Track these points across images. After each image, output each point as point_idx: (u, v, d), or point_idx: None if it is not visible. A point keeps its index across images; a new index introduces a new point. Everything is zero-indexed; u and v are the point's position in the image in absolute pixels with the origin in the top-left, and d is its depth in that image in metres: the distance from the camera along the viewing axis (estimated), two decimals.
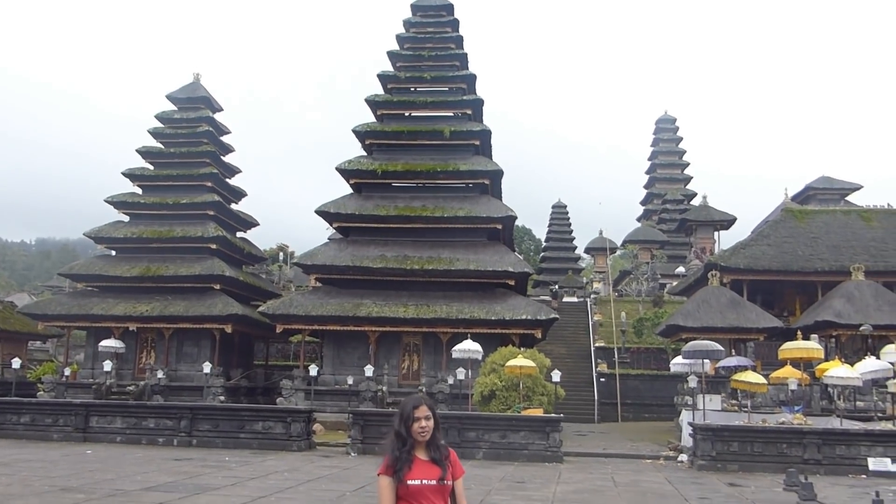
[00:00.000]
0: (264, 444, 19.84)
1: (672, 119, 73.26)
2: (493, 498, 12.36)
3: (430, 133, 31.77)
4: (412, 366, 29.37)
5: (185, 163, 33.88)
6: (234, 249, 33.81)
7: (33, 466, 15.19)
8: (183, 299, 30.66)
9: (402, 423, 4.22)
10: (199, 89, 35.63)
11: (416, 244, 29.90)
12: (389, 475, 4.15)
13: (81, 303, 31.44)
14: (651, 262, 55.40)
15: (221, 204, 33.57)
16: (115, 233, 32.56)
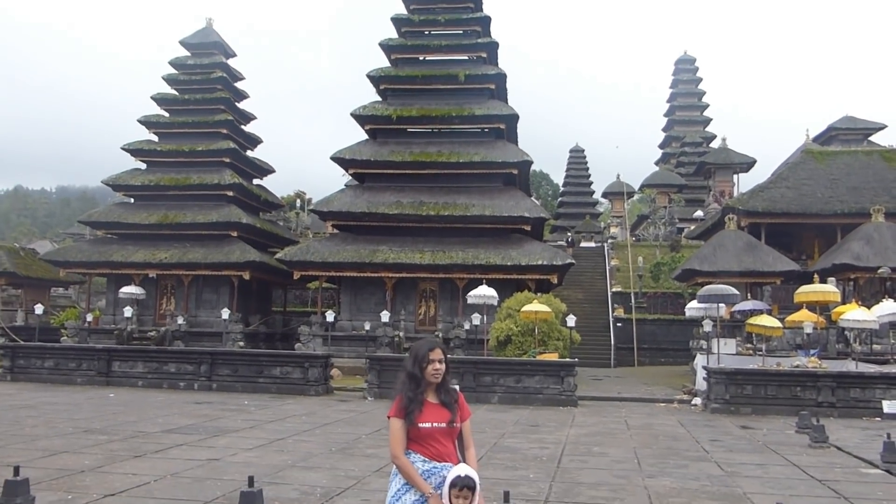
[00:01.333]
0: (283, 389, 20.20)
1: (691, 59, 71.74)
2: (507, 441, 12.56)
3: (445, 77, 31.34)
4: (428, 311, 29.59)
5: (200, 109, 33.76)
6: (251, 196, 33.90)
7: (58, 409, 15.58)
8: (201, 246, 30.91)
9: (416, 364, 4.23)
10: (212, 34, 35.28)
11: (431, 190, 29.80)
12: (401, 417, 4.17)
13: (101, 250, 31.80)
14: (669, 206, 54.94)
15: (237, 151, 33.53)
16: (133, 180, 32.72)
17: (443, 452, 4.19)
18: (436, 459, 4.17)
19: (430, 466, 4.14)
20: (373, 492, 8.22)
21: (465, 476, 4.04)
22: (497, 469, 9.85)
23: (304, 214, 54.56)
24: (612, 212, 65.25)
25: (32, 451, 10.36)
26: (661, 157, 72.09)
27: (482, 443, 11.90)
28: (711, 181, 52.52)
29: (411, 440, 4.18)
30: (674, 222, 52.83)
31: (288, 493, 8.02)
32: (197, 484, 8.45)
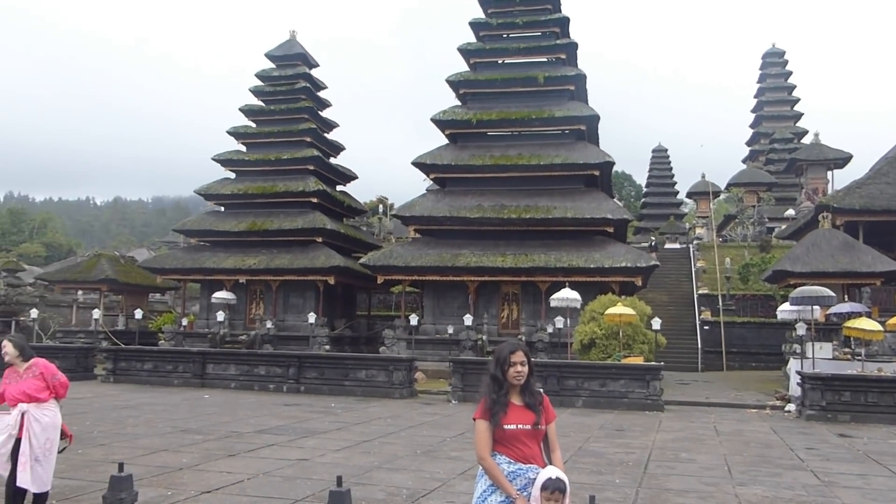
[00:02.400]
0: (368, 392, 20.54)
1: (780, 52, 69.22)
2: (592, 445, 12.43)
3: (524, 80, 31.27)
4: (511, 315, 29.54)
5: (285, 119, 34.76)
6: (335, 203, 34.63)
7: (157, 409, 16.30)
8: (287, 252, 31.77)
9: (499, 367, 4.26)
10: (296, 46, 36.27)
11: (512, 193, 29.76)
12: (486, 419, 4.21)
13: (195, 257, 33.09)
14: (757, 205, 53.14)
15: (321, 158, 34.33)
16: (223, 189, 33.94)
17: (528, 454, 4.21)
18: (521, 461, 4.18)
19: (516, 468, 4.16)
20: (458, 494, 8.28)
21: (557, 479, 4.04)
22: (582, 473, 9.77)
23: (387, 219, 55.32)
24: (697, 212, 63.58)
25: (134, 449, 10.88)
26: (748, 154, 69.81)
27: (567, 447, 11.81)
28: (803, 178, 50.48)
29: (497, 442, 4.21)
30: (763, 222, 51.07)
31: (375, 494, 8.17)
32: (287, 483, 8.70)
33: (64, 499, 7.60)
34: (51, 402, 7.03)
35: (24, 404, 6.85)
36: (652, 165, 71.47)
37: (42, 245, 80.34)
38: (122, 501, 6.88)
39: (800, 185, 52.22)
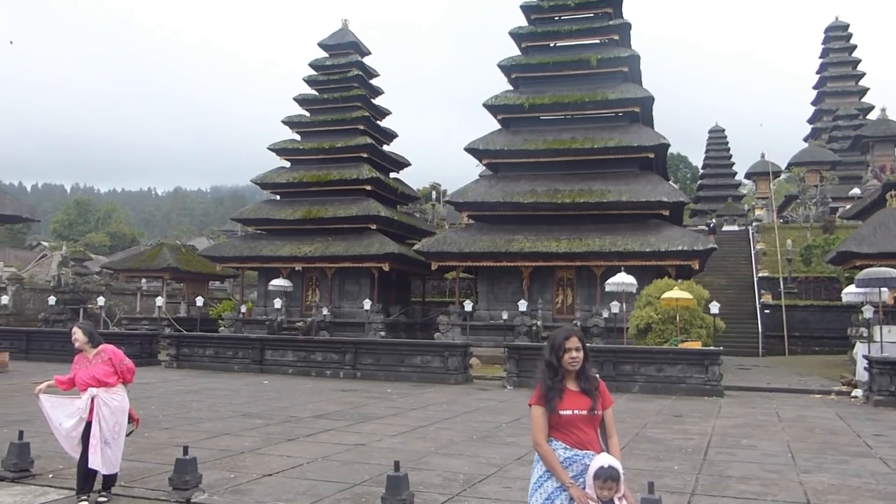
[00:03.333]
0: (423, 377, 20.68)
1: (844, 26, 66.81)
2: (650, 431, 12.30)
3: (577, 62, 30.89)
4: (566, 300, 29.36)
5: (339, 108, 35.05)
6: (388, 190, 34.84)
7: (219, 394, 16.71)
8: (342, 240, 32.12)
9: (553, 353, 4.24)
10: (348, 35, 36.48)
11: (566, 177, 29.50)
12: (542, 405, 4.20)
13: (252, 245, 33.73)
14: (820, 184, 51.54)
15: (374, 146, 34.54)
16: (278, 178, 34.46)
17: (584, 440, 4.18)
18: (577, 447, 4.16)
19: (572, 454, 4.14)
20: (514, 479, 8.29)
21: (609, 467, 4.01)
22: (640, 460, 9.68)
23: (440, 206, 55.44)
24: (756, 193, 62.07)
25: (198, 432, 11.18)
26: (810, 132, 67.74)
27: (624, 433, 11.71)
28: (869, 156, 48.75)
29: (553, 427, 4.20)
30: (826, 202, 49.53)
31: (431, 479, 8.23)
32: (346, 467, 8.83)
33: (132, 480, 7.86)
34: (119, 387, 7.27)
35: (94, 389, 7.10)
36: (709, 146, 69.98)
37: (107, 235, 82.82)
38: (188, 483, 7.10)
39: (865, 163, 50.48)
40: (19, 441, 7.94)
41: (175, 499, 7.01)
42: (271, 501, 7.09)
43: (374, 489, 7.53)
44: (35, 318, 35.17)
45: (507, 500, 7.35)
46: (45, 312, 34.55)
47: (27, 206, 24.54)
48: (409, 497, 6.49)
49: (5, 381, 19.01)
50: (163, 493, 7.18)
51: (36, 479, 7.76)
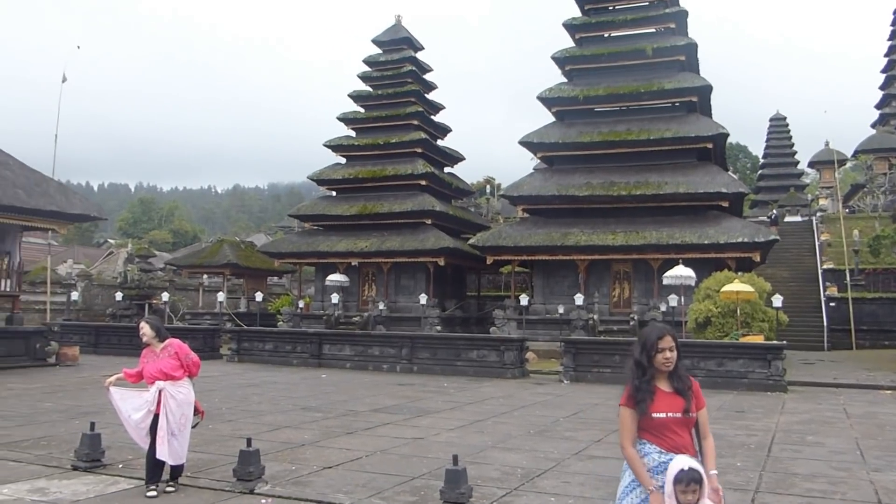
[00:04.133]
0: (480, 372, 20.70)
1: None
2: (711, 427, 12.07)
3: (632, 52, 30.43)
4: (622, 293, 29.02)
5: (393, 103, 35.28)
6: (443, 184, 34.94)
7: (278, 388, 17.03)
8: (398, 235, 32.35)
9: (644, 352, 4.03)
10: (401, 30, 36.65)
11: (622, 169, 29.13)
12: (631, 407, 3.99)
13: (309, 241, 34.22)
14: (889, 172, 49.72)
15: (428, 141, 34.67)
16: (334, 174, 34.88)
17: (679, 444, 3.99)
18: (673, 451, 3.96)
19: (667, 458, 3.94)
20: (573, 474, 8.26)
21: (690, 469, 3.83)
22: None
23: (494, 200, 55.36)
24: (820, 182, 60.25)
25: (259, 425, 11.42)
26: (878, 118, 65.30)
27: None
28: None
29: (645, 430, 4.00)
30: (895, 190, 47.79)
31: (489, 473, 8.25)
32: (404, 461, 8.91)
33: (198, 471, 8.07)
34: (185, 380, 7.48)
35: (161, 382, 7.32)
36: (769, 135, 68.22)
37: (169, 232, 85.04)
38: (251, 475, 7.27)
39: None
40: (91, 432, 8.23)
41: (239, 489, 7.18)
42: (332, 493, 7.20)
43: (432, 482, 7.58)
44: (103, 314, 36.37)
45: (566, 494, 7.32)
46: (112, 308, 35.70)
47: (95, 205, 25.33)
48: (467, 491, 6.52)
49: (76, 374, 19.72)
50: (227, 484, 7.36)
51: (107, 469, 8.04)
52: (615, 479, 7.89)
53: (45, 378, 18.46)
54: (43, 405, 13.51)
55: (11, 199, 20.28)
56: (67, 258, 48.55)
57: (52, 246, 39.48)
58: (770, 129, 68.42)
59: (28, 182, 21.48)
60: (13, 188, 20.64)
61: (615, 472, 8.16)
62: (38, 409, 13.04)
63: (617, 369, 19.20)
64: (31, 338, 22.00)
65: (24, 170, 21.89)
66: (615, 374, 19.11)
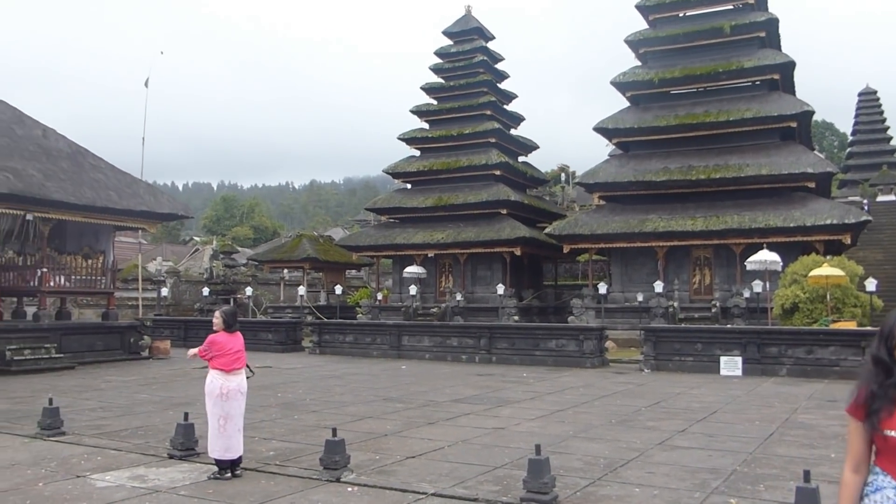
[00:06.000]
0: (559, 361, 20.60)
1: None
2: (801, 417, 11.71)
3: (708, 31, 29.59)
4: (703, 280, 28.35)
5: (465, 94, 35.32)
6: (517, 174, 34.82)
7: (360, 379, 17.34)
8: (473, 225, 32.42)
9: (882, 343, 2.93)
10: (472, 21, 36.62)
11: (700, 153, 28.43)
12: (860, 418, 2.85)
13: (386, 233, 34.66)
14: None
15: (501, 131, 34.60)
16: (409, 167, 35.20)
17: None
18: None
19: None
20: (657, 465, 8.15)
21: None
22: (791, 447, 9.24)
23: (569, 188, 54.81)
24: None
25: (343, 415, 11.67)
26: None
27: (772, 418, 11.23)
28: None
29: (881, 454, 2.83)
30: None
31: (572, 463, 8.22)
32: (486, 450, 8.96)
33: (286, 460, 8.32)
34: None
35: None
36: (858, 110, 65.15)
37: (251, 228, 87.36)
38: (337, 464, 7.45)
39: None
40: (185, 422, 8.58)
41: (326, 477, 7.36)
42: (416, 482, 7.31)
43: (514, 472, 7.61)
44: (191, 308, 37.77)
45: (651, 485, 7.23)
46: (199, 302, 37.01)
47: (181, 204, 26.30)
48: (550, 481, 6.52)
49: (167, 366, 20.56)
50: (315, 472, 7.56)
51: (200, 458, 8.36)
52: (701, 469, 7.77)
53: (140, 370, 19.32)
54: (139, 396, 14.15)
55: (105, 201, 21.25)
56: (156, 256, 50.59)
57: (143, 244, 41.19)
58: (859, 104, 65.37)
59: (120, 184, 22.46)
60: (106, 190, 21.62)
61: (701, 463, 8.04)
62: (134, 400, 13.66)
63: (699, 357, 18.81)
64: (126, 332, 23.03)
65: (115, 172, 22.90)
66: (697, 363, 18.72)
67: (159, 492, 6.99)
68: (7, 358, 18.45)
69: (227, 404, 7.51)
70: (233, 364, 7.64)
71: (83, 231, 23.16)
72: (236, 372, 7.67)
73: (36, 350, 19.35)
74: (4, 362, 18.38)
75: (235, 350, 7.69)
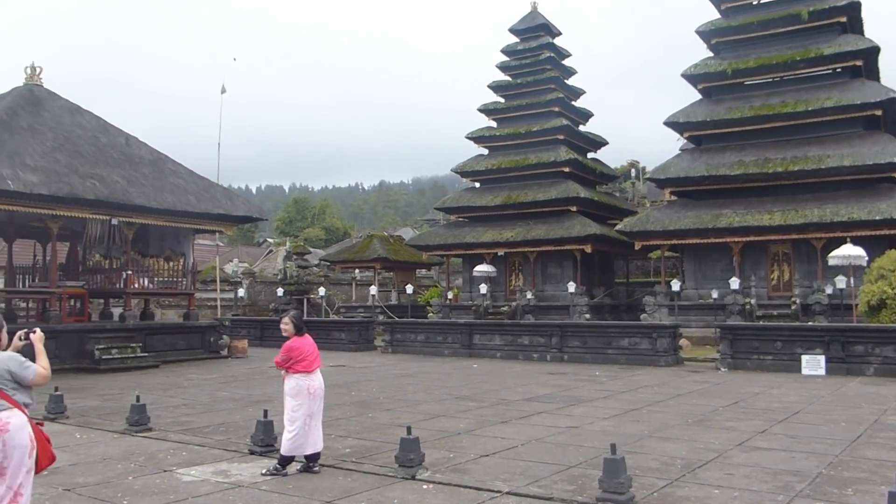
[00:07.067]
0: (631, 360, 20.31)
1: None
2: (890, 418, 11.24)
3: (784, 19, 28.66)
4: (782, 276, 27.50)
5: (533, 91, 35.15)
6: (586, 170, 34.47)
7: (432, 377, 17.48)
8: (543, 223, 32.24)
9: None
10: (538, 17, 36.41)
11: (777, 144, 27.58)
12: None
13: (455, 233, 34.79)
14: None
15: (570, 127, 34.31)
16: (477, 166, 35.25)
17: None
18: None
19: None
20: (736, 466, 7.96)
21: None
22: (881, 449, 8.89)
23: (640, 183, 53.94)
24: None
25: (416, 413, 11.79)
26: None
27: (860, 419, 10.83)
28: None
29: None
30: None
31: (647, 463, 8.11)
32: (560, 449, 8.93)
33: (362, 457, 8.46)
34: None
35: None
36: None
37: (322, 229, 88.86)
38: (412, 461, 7.54)
39: None
40: (264, 419, 8.83)
41: (402, 475, 7.46)
42: (490, 481, 7.34)
43: (589, 472, 7.56)
44: (266, 308, 38.70)
45: (731, 487, 7.08)
46: (274, 303, 37.87)
47: (256, 206, 27.00)
48: (626, 481, 6.45)
49: (245, 365, 21.15)
50: (390, 470, 7.67)
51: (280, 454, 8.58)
52: (783, 472, 7.58)
53: (219, 369, 19.93)
54: (219, 394, 14.60)
55: (184, 205, 22.01)
56: (233, 257, 52.02)
57: (219, 246, 42.43)
58: None
59: (198, 188, 23.21)
60: (185, 194, 22.38)
61: (783, 465, 7.83)
62: (215, 397, 14.11)
63: (779, 356, 18.26)
64: (206, 332, 23.79)
65: (193, 177, 23.67)
66: (777, 362, 18.18)
67: (241, 486, 7.21)
68: (96, 357, 19.30)
69: (312, 403, 7.78)
70: (312, 364, 7.88)
71: (164, 234, 24.04)
72: (316, 371, 7.91)
73: (123, 349, 20.18)
74: (94, 361, 19.24)
75: (312, 351, 7.94)
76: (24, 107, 21.10)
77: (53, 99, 22.49)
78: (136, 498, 6.81)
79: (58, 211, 19.33)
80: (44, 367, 4.69)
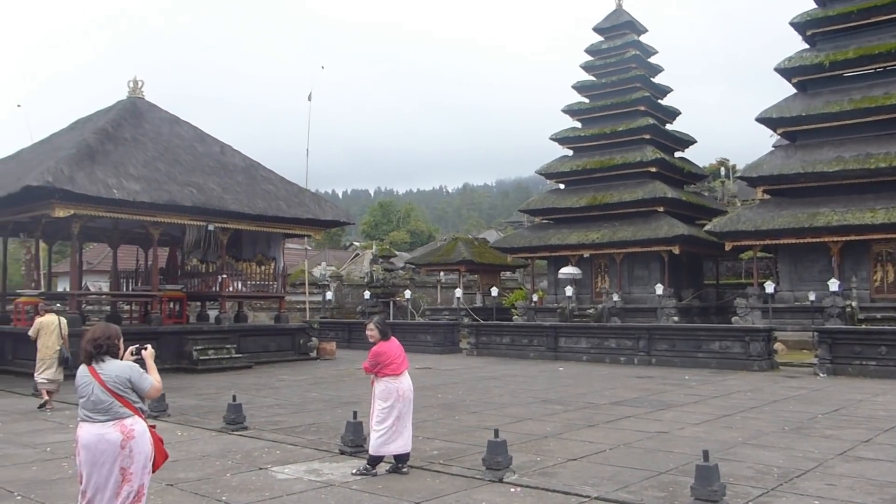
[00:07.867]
0: (722, 364, 19.74)
1: None
2: None
3: (888, 6, 27.24)
4: (886, 277, 26.15)
5: (618, 90, 34.60)
6: (674, 170, 33.70)
7: (517, 380, 17.45)
8: (629, 224, 31.69)
9: None
10: (622, 15, 35.84)
11: (879, 139, 26.26)
12: None
13: (540, 235, 34.59)
14: None
15: (656, 126, 33.60)
16: (561, 167, 34.96)
17: None
18: None
19: None
20: (838, 476, 7.65)
21: None
22: None
23: (730, 182, 52.32)
24: None
25: (503, 417, 11.80)
26: None
27: None
28: None
29: None
30: None
31: (742, 471, 7.89)
32: (649, 455, 8.78)
33: (449, 459, 8.54)
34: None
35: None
36: None
37: (407, 232, 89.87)
38: (499, 465, 7.57)
39: None
40: (354, 420, 9.03)
41: (489, 478, 7.50)
42: (578, 485, 7.29)
43: (680, 479, 7.41)
44: (353, 311, 39.42)
45: (832, 498, 6.80)
46: (361, 305, 38.55)
47: (343, 211, 27.60)
48: (720, 489, 6.29)
49: (334, 367, 21.62)
50: (478, 472, 7.72)
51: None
52: (891, 484, 7.24)
53: (309, 370, 20.45)
54: (309, 395, 14.99)
55: (276, 211, 22.71)
56: (321, 261, 53.19)
57: (308, 250, 43.50)
58: None
59: (288, 194, 23.91)
60: (276, 200, 23.08)
61: (890, 477, 7.48)
62: (306, 398, 14.50)
63: (884, 362, 17.40)
64: (296, 334, 24.45)
65: (283, 183, 24.39)
66: (882, 368, 17.33)
67: (333, 486, 7.40)
68: (194, 358, 20.13)
69: (402, 405, 7.91)
70: (400, 367, 8.03)
71: (256, 239, 24.84)
72: (404, 374, 8.05)
73: (218, 350, 20.97)
74: (192, 361, 20.07)
75: (399, 354, 8.08)
76: (127, 119, 22.24)
77: (154, 111, 23.60)
78: (234, 494, 7.08)
79: (158, 217, 20.27)
80: (157, 381, 5.07)
